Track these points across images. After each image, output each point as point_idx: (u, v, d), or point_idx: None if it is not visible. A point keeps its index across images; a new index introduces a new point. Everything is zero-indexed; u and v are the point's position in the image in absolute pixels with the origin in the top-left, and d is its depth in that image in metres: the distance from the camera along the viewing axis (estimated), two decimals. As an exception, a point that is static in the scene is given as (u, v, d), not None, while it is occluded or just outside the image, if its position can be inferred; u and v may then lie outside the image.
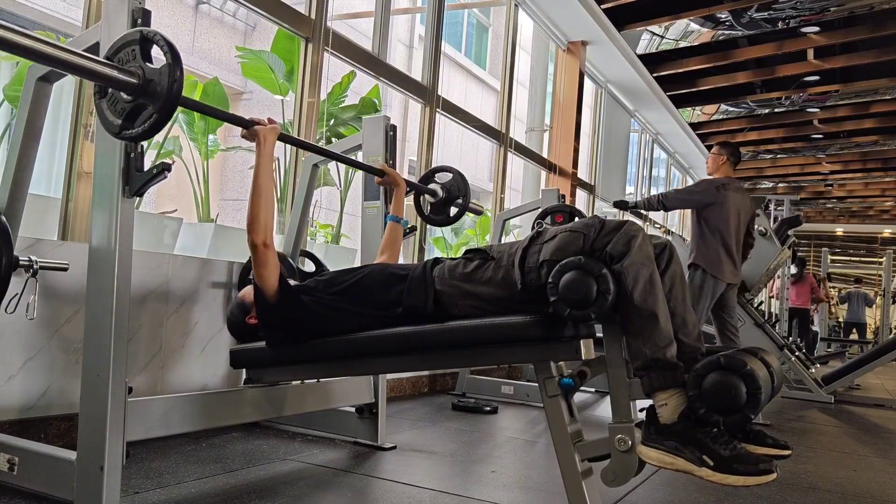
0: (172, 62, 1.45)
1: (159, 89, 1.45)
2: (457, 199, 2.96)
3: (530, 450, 2.87)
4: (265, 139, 1.94)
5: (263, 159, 1.93)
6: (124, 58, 1.51)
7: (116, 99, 1.52)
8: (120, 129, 1.52)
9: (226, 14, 6.75)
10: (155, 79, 1.46)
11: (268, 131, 1.95)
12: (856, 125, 9.20)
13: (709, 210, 4.12)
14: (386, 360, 1.95)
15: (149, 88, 1.47)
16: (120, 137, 1.55)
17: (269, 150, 1.96)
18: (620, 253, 1.57)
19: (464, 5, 8.39)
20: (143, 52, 1.49)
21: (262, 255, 1.89)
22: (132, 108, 1.50)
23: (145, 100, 1.48)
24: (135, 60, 1.49)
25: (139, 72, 1.48)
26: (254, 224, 1.88)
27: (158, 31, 1.50)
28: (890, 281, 11.74)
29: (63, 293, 2.21)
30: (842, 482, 2.68)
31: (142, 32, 1.50)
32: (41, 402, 2.19)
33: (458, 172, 2.97)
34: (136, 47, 1.49)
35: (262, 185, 1.91)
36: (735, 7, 5.98)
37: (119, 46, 1.52)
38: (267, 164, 1.94)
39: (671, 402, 1.54)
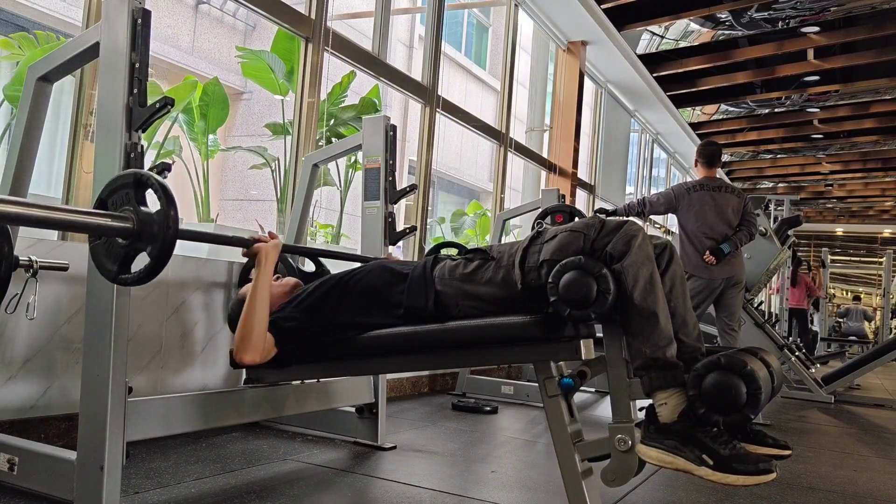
0: (167, 205, 1.40)
1: (156, 231, 1.40)
2: None
3: (530, 450, 2.87)
4: (266, 257, 1.90)
5: (262, 278, 1.88)
6: (118, 200, 1.46)
7: (112, 243, 1.48)
8: (116, 275, 1.48)
9: (226, 14, 6.75)
10: (149, 222, 1.41)
11: (269, 248, 1.92)
12: (856, 125, 9.21)
13: (680, 213, 4.15)
14: (386, 360, 1.95)
15: (144, 234, 1.42)
16: (117, 283, 1.50)
17: (270, 269, 1.91)
18: (620, 253, 1.57)
19: (464, 5, 8.39)
20: (136, 196, 1.44)
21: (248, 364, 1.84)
22: (127, 253, 1.46)
23: (141, 244, 1.43)
24: (128, 204, 1.44)
25: (133, 216, 1.43)
26: (245, 342, 1.80)
27: (152, 174, 1.44)
28: (890, 281, 11.75)
29: (63, 293, 2.21)
30: (842, 482, 2.68)
31: (135, 176, 1.45)
32: (41, 402, 2.19)
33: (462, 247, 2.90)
34: (131, 191, 1.45)
35: (258, 305, 1.83)
36: (735, 7, 5.98)
37: (112, 189, 1.47)
38: (265, 282, 1.88)
39: (671, 402, 1.54)
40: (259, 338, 1.81)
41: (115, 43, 1.67)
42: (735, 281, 4.12)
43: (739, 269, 4.15)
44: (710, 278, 4.05)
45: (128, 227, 1.42)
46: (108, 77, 1.68)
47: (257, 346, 1.81)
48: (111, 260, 1.48)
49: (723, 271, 4.06)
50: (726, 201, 4.10)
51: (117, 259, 1.46)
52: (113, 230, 1.42)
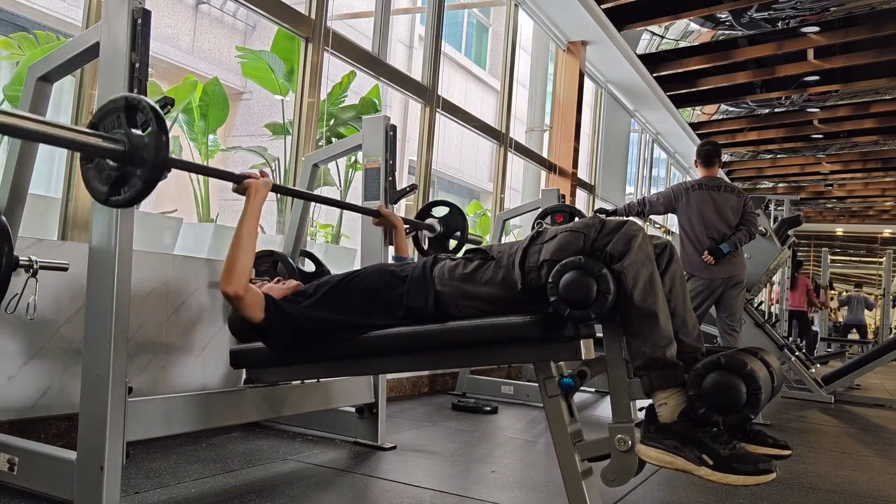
0: (158, 129, 1.41)
1: (146, 156, 1.42)
2: (455, 233, 3.00)
3: (530, 450, 2.87)
4: (256, 192, 1.93)
5: (250, 212, 1.91)
6: (110, 124, 1.47)
7: (103, 166, 1.49)
8: (107, 197, 1.49)
9: (226, 14, 6.76)
10: (140, 146, 1.43)
11: (259, 185, 1.94)
12: (856, 125, 9.21)
13: (679, 213, 4.17)
14: (386, 360, 1.95)
15: (135, 155, 1.43)
16: (107, 204, 1.52)
17: (258, 204, 1.94)
18: (620, 253, 1.57)
19: (464, 5, 8.39)
20: (128, 119, 1.46)
21: (236, 303, 1.88)
22: (118, 175, 1.47)
23: (132, 166, 1.44)
24: (120, 127, 1.46)
25: (125, 139, 1.44)
26: (228, 274, 1.85)
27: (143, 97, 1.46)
28: (890, 281, 11.75)
29: (63, 293, 2.21)
30: (842, 482, 2.68)
31: (126, 99, 1.46)
32: (41, 402, 2.19)
33: (456, 206, 2.98)
34: (122, 114, 1.46)
35: (243, 237, 1.88)
36: (735, 7, 5.99)
37: (104, 113, 1.49)
38: (253, 216, 1.91)
39: (671, 402, 1.54)
40: (243, 271, 1.85)
41: (115, 43, 1.67)
42: (735, 281, 4.11)
43: (740, 269, 4.14)
44: (710, 278, 4.05)
45: (119, 149, 1.44)
46: (108, 77, 1.68)
47: (241, 278, 1.85)
48: (102, 182, 1.50)
49: (723, 271, 4.06)
50: (726, 201, 4.10)
51: (108, 181, 1.49)
52: (105, 151, 1.44)
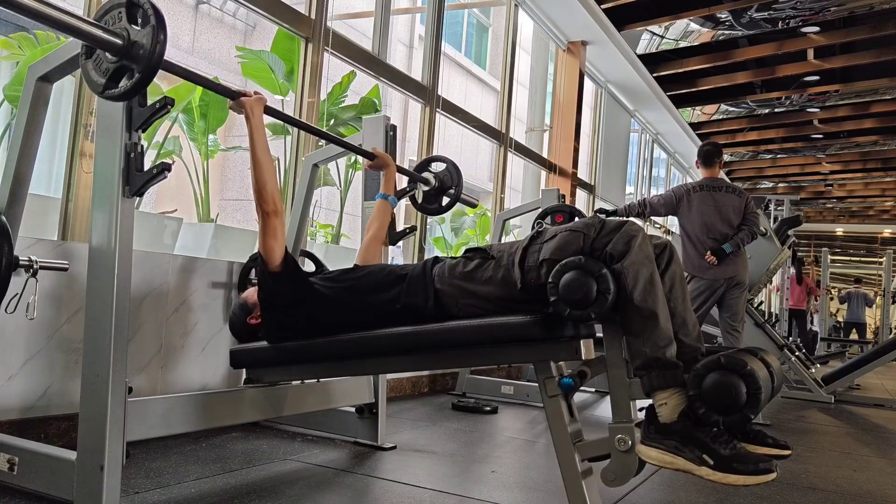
0: (157, 25, 1.47)
1: (143, 51, 1.47)
2: (449, 189, 2.97)
3: (530, 450, 2.87)
4: (252, 110, 1.97)
5: (256, 130, 1.96)
6: (110, 20, 1.54)
7: (101, 59, 1.55)
8: (104, 89, 1.55)
9: (226, 14, 6.75)
10: (139, 40, 1.48)
11: (254, 102, 1.98)
12: (856, 125, 9.20)
13: (681, 214, 4.16)
14: (386, 360, 1.95)
15: (133, 50, 1.49)
16: (103, 96, 1.58)
17: (259, 121, 1.99)
18: (620, 253, 1.57)
19: (464, 5, 8.39)
20: (129, 15, 1.51)
21: (271, 223, 1.93)
22: (116, 68, 1.52)
23: (129, 61, 1.50)
24: (120, 22, 1.51)
25: (124, 33, 1.50)
26: (262, 192, 1.92)
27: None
28: (890, 281, 11.74)
29: (63, 293, 2.21)
30: (842, 482, 2.68)
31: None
32: (41, 402, 2.19)
33: (452, 162, 2.97)
34: (122, 10, 1.52)
35: (260, 155, 1.94)
36: (735, 7, 5.98)
37: (106, 9, 1.55)
38: (260, 133, 1.97)
39: (671, 402, 1.53)
40: (274, 186, 1.95)
41: (115, 42, 1.67)
42: (737, 281, 4.10)
43: (742, 269, 4.14)
44: (712, 279, 4.05)
45: (118, 42, 1.50)
46: (108, 77, 1.68)
47: (275, 193, 1.94)
48: (100, 74, 1.56)
49: (725, 272, 4.06)
50: (727, 201, 4.10)
51: (105, 74, 1.54)
52: (104, 42, 1.49)
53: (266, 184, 1.93)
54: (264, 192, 1.92)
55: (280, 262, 1.94)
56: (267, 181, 1.93)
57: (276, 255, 1.94)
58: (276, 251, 1.94)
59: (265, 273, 1.96)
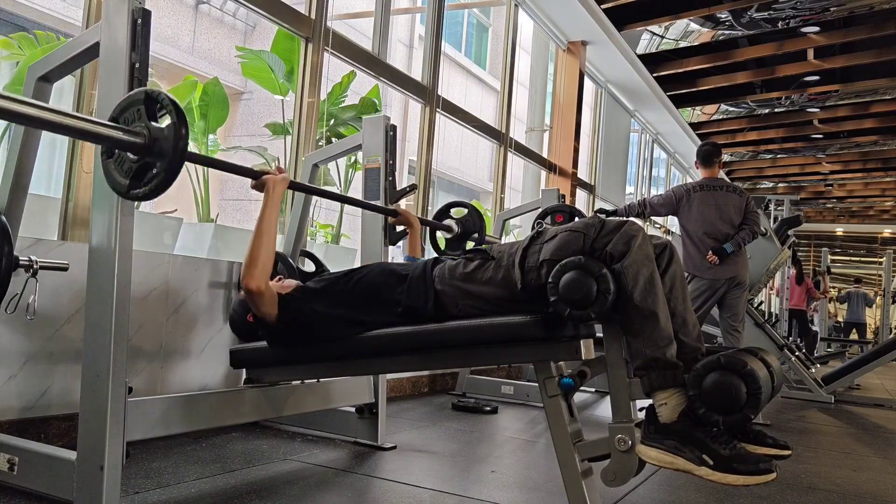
0: (178, 120, 1.44)
1: (165, 147, 1.44)
2: (473, 234, 2.99)
3: (530, 450, 2.87)
4: (274, 188, 1.94)
5: (270, 207, 1.93)
6: (129, 117, 1.50)
7: (123, 159, 1.52)
8: (128, 189, 1.51)
9: (226, 14, 6.76)
10: (160, 137, 1.45)
11: (277, 181, 1.95)
12: (856, 125, 9.21)
13: (681, 214, 4.17)
14: (386, 360, 1.95)
15: (155, 148, 1.46)
16: (128, 197, 1.54)
17: (277, 199, 1.95)
18: (620, 253, 1.57)
19: (464, 5, 8.39)
20: (147, 112, 1.48)
21: (257, 299, 1.89)
22: (139, 167, 1.49)
23: (151, 159, 1.47)
24: (140, 120, 1.48)
25: (145, 131, 1.47)
26: (250, 268, 1.87)
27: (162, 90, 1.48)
28: (890, 281, 11.74)
29: (63, 293, 2.21)
30: (842, 482, 2.68)
31: (147, 93, 1.48)
32: (41, 402, 2.19)
33: (473, 207, 2.98)
34: (142, 107, 1.48)
35: (265, 231, 1.90)
36: (735, 7, 5.99)
37: (124, 106, 1.51)
38: (273, 211, 1.93)
39: (671, 402, 1.54)
40: (266, 266, 1.88)
41: (115, 43, 1.67)
42: (738, 281, 4.11)
43: (743, 269, 4.14)
44: (712, 279, 4.05)
45: (139, 141, 1.46)
46: (108, 77, 1.68)
47: (264, 272, 1.88)
48: (123, 175, 1.52)
49: (726, 272, 4.06)
50: (728, 201, 4.10)
51: (129, 174, 1.50)
52: (125, 143, 1.46)
53: (259, 261, 1.87)
54: (253, 268, 1.86)
55: (275, 317, 1.93)
56: (261, 258, 1.87)
57: (270, 315, 1.93)
58: (270, 314, 1.92)
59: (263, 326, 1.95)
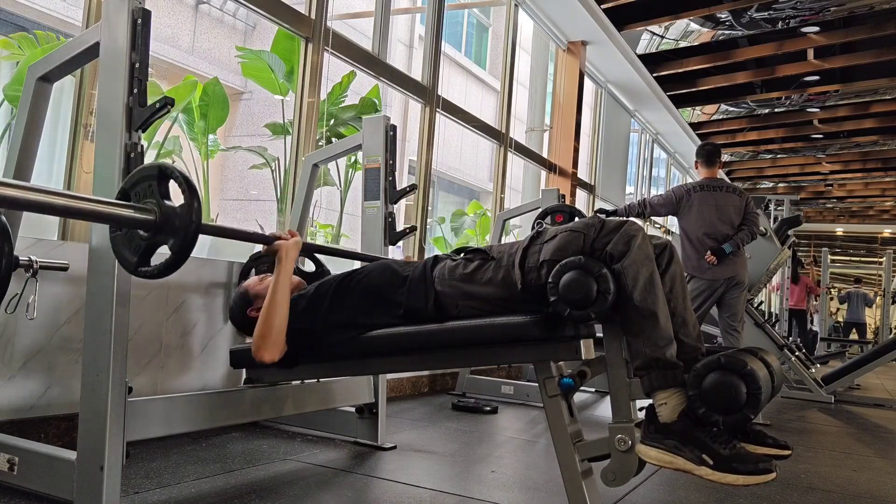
0: (190, 199, 1.40)
1: (178, 225, 1.39)
2: None
3: (530, 450, 2.87)
4: (287, 254, 1.91)
5: (283, 275, 1.89)
6: (140, 192, 1.45)
7: (132, 235, 1.47)
8: (136, 267, 1.46)
9: (226, 14, 6.75)
10: (172, 216, 1.40)
11: (290, 246, 1.93)
12: (856, 125, 9.20)
13: (681, 215, 4.17)
14: (386, 360, 1.95)
15: (166, 225, 1.40)
16: (136, 275, 1.49)
17: (290, 266, 1.92)
18: (620, 253, 1.57)
19: (464, 5, 8.39)
20: (160, 189, 1.43)
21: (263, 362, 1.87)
22: (148, 245, 1.44)
23: (163, 237, 1.42)
24: (151, 196, 1.43)
25: (156, 209, 1.41)
26: (265, 339, 1.84)
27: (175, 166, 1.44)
28: (890, 281, 11.74)
29: (63, 293, 2.21)
30: (842, 482, 2.68)
31: (160, 168, 1.44)
32: (41, 402, 2.19)
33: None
34: (154, 182, 1.43)
35: (279, 301, 1.86)
36: (735, 7, 5.98)
37: (135, 181, 1.46)
38: (286, 279, 1.89)
39: (671, 402, 1.53)
40: (279, 335, 1.85)
41: (115, 43, 1.67)
42: (737, 281, 4.11)
43: (742, 269, 4.14)
44: (711, 279, 4.05)
45: (150, 219, 1.41)
46: (108, 77, 1.68)
47: (277, 342, 1.85)
48: (131, 252, 1.47)
49: (725, 272, 4.06)
50: (728, 201, 4.10)
51: (137, 251, 1.45)
52: (136, 222, 1.41)
53: (272, 331, 1.84)
54: (268, 341, 1.84)
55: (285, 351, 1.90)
56: (274, 329, 1.84)
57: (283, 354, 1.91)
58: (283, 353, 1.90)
59: None
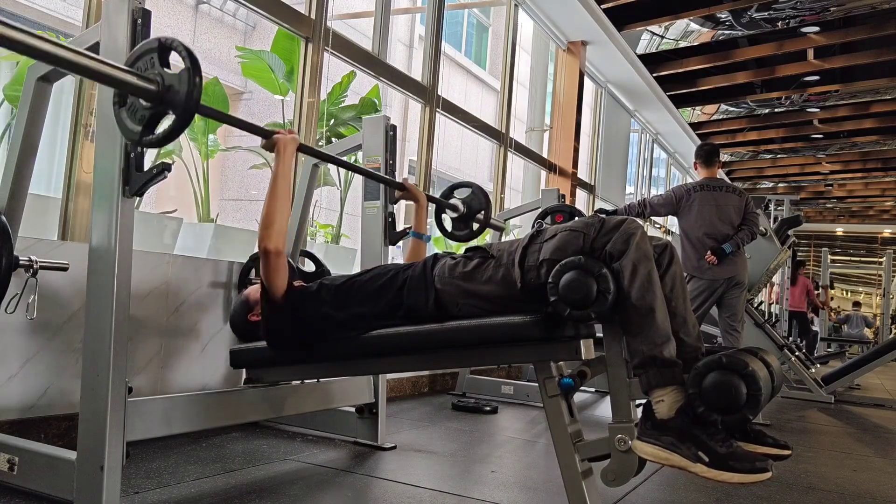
0: (191, 67, 1.43)
1: (179, 95, 1.44)
2: (478, 215, 2.97)
3: (530, 450, 2.87)
4: (285, 148, 1.94)
5: (283, 166, 1.93)
6: (143, 66, 1.50)
7: (136, 107, 1.52)
8: (140, 136, 1.51)
9: (226, 14, 6.75)
10: (174, 85, 1.45)
11: (288, 140, 1.96)
12: (856, 125, 9.21)
13: (681, 215, 4.17)
14: (386, 360, 1.95)
15: (168, 95, 1.46)
16: (140, 144, 1.55)
17: (289, 159, 1.95)
18: (619, 251, 1.57)
19: (464, 5, 8.39)
20: (161, 60, 1.48)
21: (273, 262, 1.90)
22: (151, 115, 1.50)
23: (165, 106, 1.47)
24: (154, 68, 1.48)
25: (158, 79, 1.47)
26: (268, 229, 1.88)
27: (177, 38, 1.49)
28: (890, 281, 11.74)
29: (63, 293, 2.21)
30: (842, 482, 2.68)
31: (160, 41, 1.49)
32: (41, 402, 2.19)
33: (479, 187, 2.97)
34: (155, 55, 1.48)
35: (279, 192, 1.91)
36: (735, 7, 5.99)
37: (138, 55, 1.51)
38: (287, 171, 1.93)
39: (668, 399, 1.53)
40: (282, 227, 1.90)
41: (115, 43, 1.67)
42: (737, 281, 4.11)
43: (741, 269, 4.14)
44: (711, 279, 4.05)
45: (152, 88, 1.46)
46: (108, 77, 1.68)
47: (280, 233, 1.89)
48: (135, 122, 1.52)
49: (724, 272, 4.06)
50: (728, 201, 4.10)
51: (141, 121, 1.51)
52: (139, 90, 1.46)
53: (275, 222, 1.89)
54: (271, 230, 1.88)
55: (282, 294, 1.93)
56: (277, 219, 1.89)
57: (277, 289, 1.93)
58: (279, 285, 1.92)
59: (267, 301, 1.95)
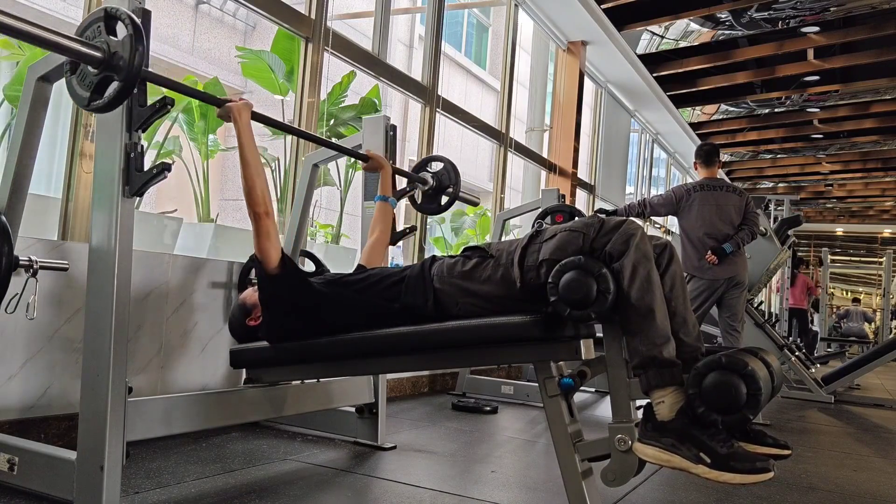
0: (134, 34, 1.51)
1: (123, 61, 1.52)
2: (447, 189, 2.98)
3: (530, 450, 2.87)
4: (239, 114, 1.98)
5: (243, 132, 1.97)
6: (91, 35, 1.58)
7: (85, 74, 1.60)
8: (88, 101, 1.59)
9: (226, 14, 6.75)
10: (119, 51, 1.53)
11: (241, 107, 1.99)
12: (856, 125, 9.20)
13: (681, 215, 4.17)
14: (386, 360, 1.95)
15: (113, 61, 1.54)
16: (88, 109, 1.63)
17: (246, 125, 1.99)
18: (619, 251, 1.57)
19: (464, 5, 8.40)
20: (107, 28, 1.56)
21: (263, 224, 1.92)
22: (99, 80, 1.57)
23: (111, 72, 1.55)
24: (100, 36, 1.56)
25: (104, 46, 1.55)
26: (252, 193, 1.92)
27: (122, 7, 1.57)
28: (890, 281, 11.74)
29: (63, 293, 2.21)
30: (842, 482, 2.68)
31: (105, 10, 1.56)
32: (41, 402, 2.19)
33: (450, 161, 2.98)
34: (102, 24, 1.56)
35: (248, 157, 1.95)
36: (735, 7, 5.99)
37: (87, 24, 1.59)
38: (247, 135, 1.97)
39: (668, 400, 1.53)
40: (264, 189, 1.95)
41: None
42: (737, 281, 4.11)
43: (742, 269, 4.14)
44: (711, 279, 4.05)
45: (98, 55, 1.54)
46: (107, 76, 1.68)
47: (265, 196, 1.93)
48: (84, 88, 1.60)
49: (725, 272, 4.06)
50: (728, 201, 4.10)
51: (89, 87, 1.59)
52: (85, 56, 1.53)
53: (255, 185, 1.93)
54: (254, 194, 1.92)
55: (277, 263, 1.94)
56: (256, 182, 1.93)
57: (271, 257, 1.93)
58: (272, 252, 1.93)
59: (263, 275, 1.97)
